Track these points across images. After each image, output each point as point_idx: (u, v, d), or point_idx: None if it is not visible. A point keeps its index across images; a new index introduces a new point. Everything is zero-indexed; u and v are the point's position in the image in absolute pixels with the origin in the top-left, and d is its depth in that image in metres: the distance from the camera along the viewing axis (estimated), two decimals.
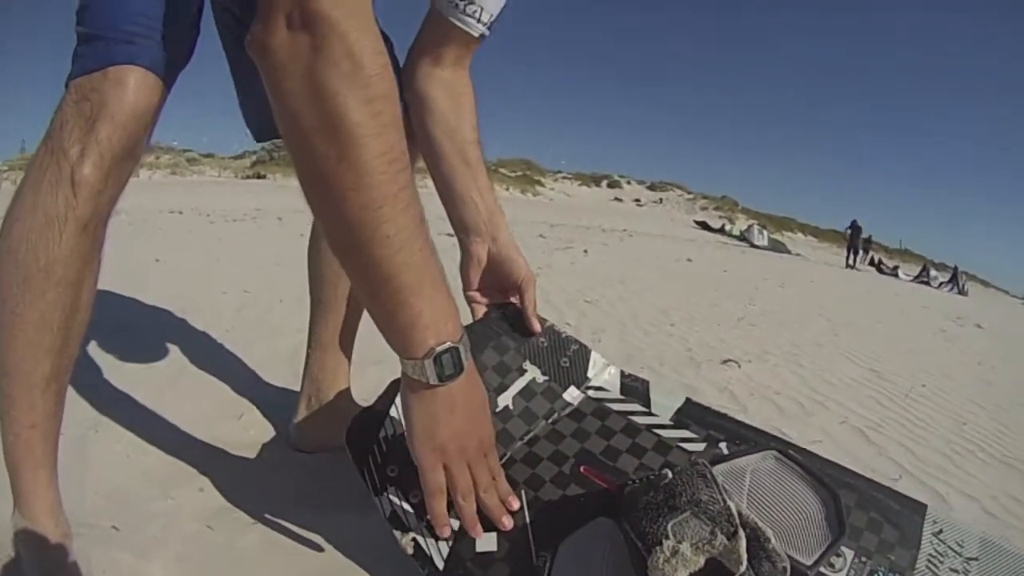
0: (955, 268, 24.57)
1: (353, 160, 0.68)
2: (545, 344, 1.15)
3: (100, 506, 1.20)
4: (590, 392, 1.12)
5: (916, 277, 24.27)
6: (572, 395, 1.11)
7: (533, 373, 1.11)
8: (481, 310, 1.20)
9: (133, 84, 0.93)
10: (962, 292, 22.72)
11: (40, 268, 0.91)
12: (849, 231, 25.85)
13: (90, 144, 0.91)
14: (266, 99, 0.72)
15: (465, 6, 1.16)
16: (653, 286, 5.18)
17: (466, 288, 1.21)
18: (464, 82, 1.25)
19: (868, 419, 2.40)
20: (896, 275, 24.67)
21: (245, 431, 1.59)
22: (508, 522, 0.89)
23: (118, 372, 1.86)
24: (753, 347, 3.34)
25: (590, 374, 1.14)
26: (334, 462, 1.40)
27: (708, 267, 8.63)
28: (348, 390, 1.49)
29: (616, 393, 1.12)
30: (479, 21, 1.17)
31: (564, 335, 1.18)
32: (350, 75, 0.67)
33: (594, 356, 1.17)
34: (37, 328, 0.91)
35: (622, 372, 1.16)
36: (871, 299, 9.05)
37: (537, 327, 1.18)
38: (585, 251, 7.48)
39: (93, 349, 1.99)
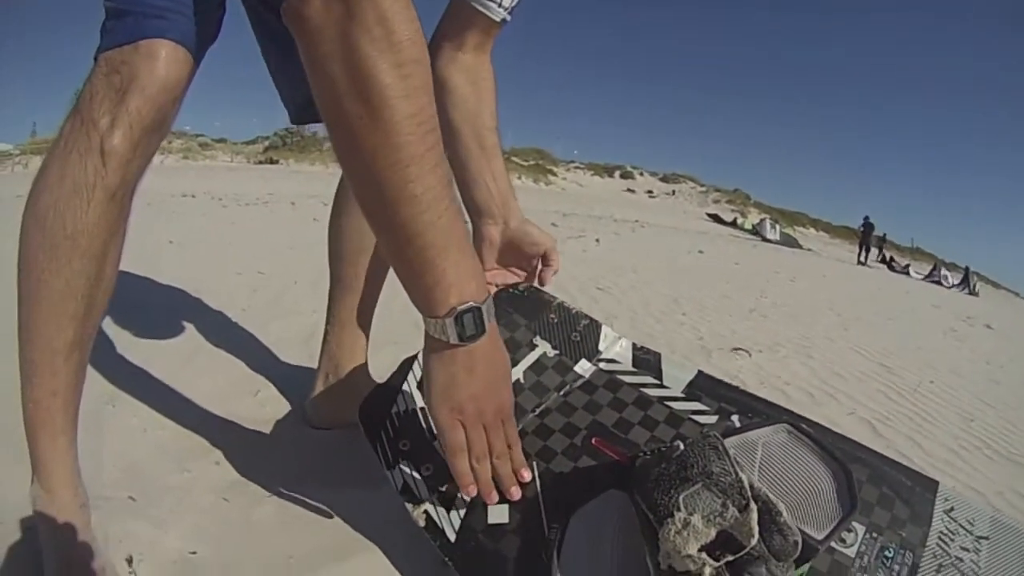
0: (967, 268, 24.45)
1: (383, 121, 0.69)
2: (556, 320, 1.16)
3: (117, 478, 1.22)
4: (602, 364, 1.12)
5: (927, 276, 24.16)
6: (583, 367, 1.11)
7: (544, 348, 1.12)
8: (492, 291, 1.21)
9: (164, 57, 0.94)
10: (973, 292, 22.58)
11: (67, 236, 0.92)
12: (862, 228, 25.80)
13: (120, 115, 0.91)
14: (302, 81, 0.73)
15: None
16: (665, 276, 5.18)
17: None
18: (486, 68, 1.26)
19: (876, 412, 2.40)
20: (907, 273, 24.55)
21: (261, 407, 1.60)
22: (517, 492, 0.90)
23: (134, 349, 1.88)
24: (764, 338, 3.33)
25: (601, 347, 1.15)
26: (349, 438, 1.41)
27: (720, 259, 8.60)
28: (365, 366, 1.50)
29: (628, 365, 1.12)
30: (500, 6, 1.18)
31: (575, 311, 1.19)
32: (382, 39, 0.68)
33: (605, 330, 1.17)
34: (62, 295, 0.92)
35: (634, 345, 1.16)
36: (882, 296, 9.00)
37: (550, 276, 1.23)
38: (597, 240, 7.48)
39: (109, 326, 2.01)
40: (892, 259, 26.48)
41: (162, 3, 0.94)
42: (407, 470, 0.96)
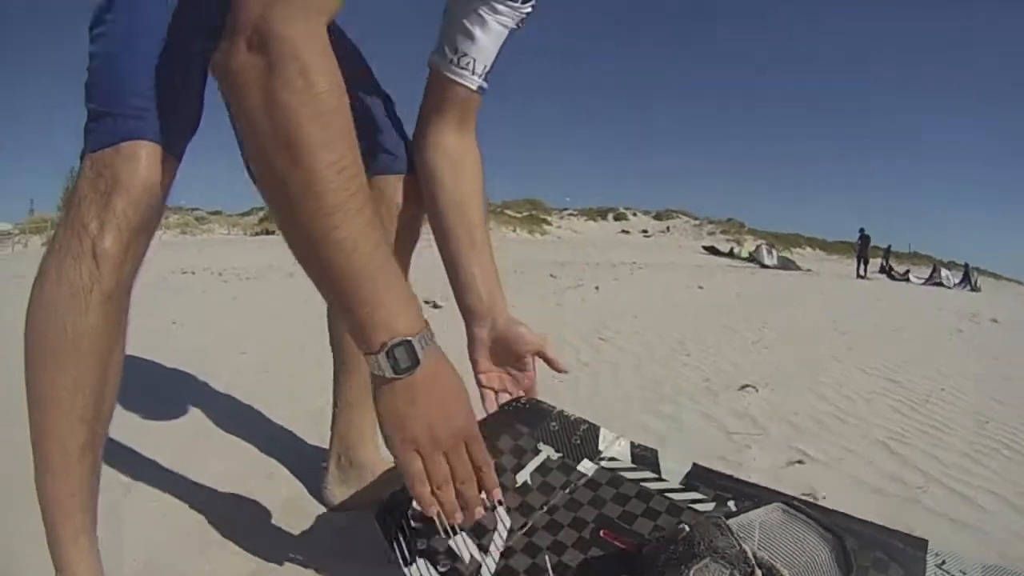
0: (966, 265, 24.51)
1: (305, 169, 0.73)
2: (556, 427, 1.20)
3: (139, 571, 1.24)
4: (603, 463, 1.15)
5: (928, 279, 24.19)
6: (586, 467, 1.14)
7: (547, 452, 1.16)
8: (491, 395, 1.25)
9: (145, 159, 0.99)
10: (975, 288, 22.58)
11: (69, 339, 0.96)
12: (859, 241, 25.93)
13: (108, 218, 0.96)
14: None
15: (458, 59, 1.22)
16: (666, 317, 5.19)
17: (475, 370, 1.26)
18: (471, 153, 1.30)
19: (890, 430, 2.40)
20: (908, 279, 24.58)
21: (276, 489, 1.61)
22: (480, 513, 0.90)
23: (145, 433, 1.90)
24: (770, 370, 3.34)
25: (601, 447, 1.18)
26: (367, 518, 1.43)
27: (719, 293, 8.63)
28: (376, 446, 1.51)
29: (628, 463, 1.16)
30: (474, 73, 1.23)
31: (573, 417, 1.23)
32: (302, 91, 0.73)
33: (603, 432, 1.21)
34: (70, 397, 0.96)
35: (632, 443, 1.20)
36: (884, 308, 9.02)
37: (562, 366, 1.25)
38: (596, 288, 7.51)
39: (118, 412, 2.01)
40: (891, 268, 26.51)
41: (140, 102, 0.99)
42: (424, 570, 0.98)
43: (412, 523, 1.02)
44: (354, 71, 1.35)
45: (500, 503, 0.93)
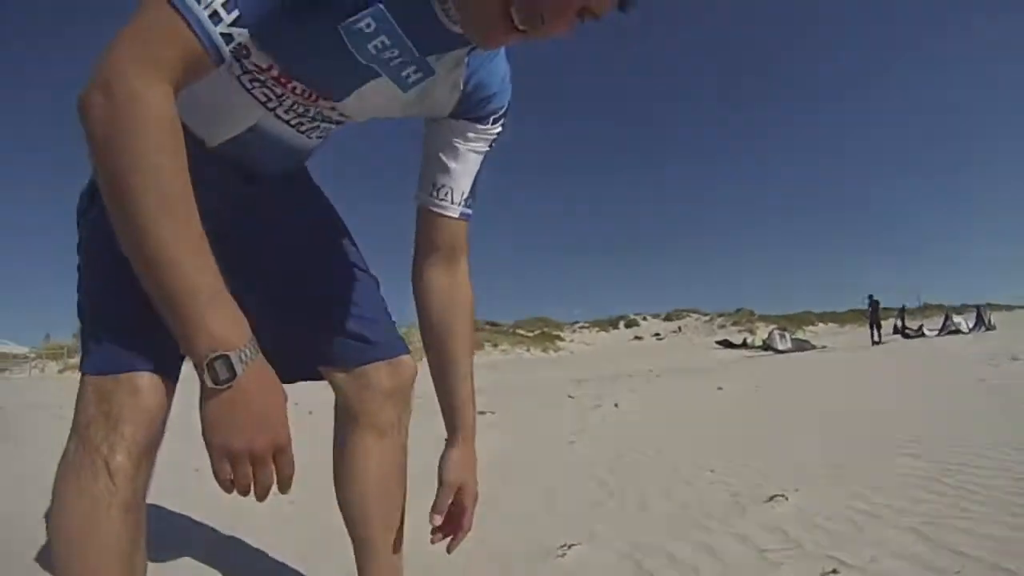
0: (977, 308, 24.50)
1: (135, 193, 0.82)
2: None
3: None
4: None
5: (942, 329, 24.17)
6: None
7: None
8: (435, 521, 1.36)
9: (146, 389, 1.13)
10: (990, 328, 22.48)
11: (93, 548, 1.06)
12: (869, 308, 25.97)
13: (117, 441, 1.09)
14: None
15: (437, 192, 1.32)
16: (688, 431, 5.16)
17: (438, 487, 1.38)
18: (460, 290, 1.41)
19: (922, 515, 2.38)
20: (922, 334, 24.48)
21: None
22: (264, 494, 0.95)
23: None
24: (798, 472, 3.31)
25: None
26: None
27: (739, 390, 8.57)
28: None
29: None
30: (453, 202, 1.33)
31: None
32: (137, 124, 0.82)
33: None
34: None
35: None
36: (902, 374, 8.96)
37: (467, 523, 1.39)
38: (616, 405, 7.47)
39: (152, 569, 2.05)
40: (905, 327, 26.40)
41: (135, 336, 1.12)
42: None
43: None
44: (343, 255, 1.48)
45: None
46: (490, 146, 1.34)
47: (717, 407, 6.87)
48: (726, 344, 26.89)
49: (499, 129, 1.33)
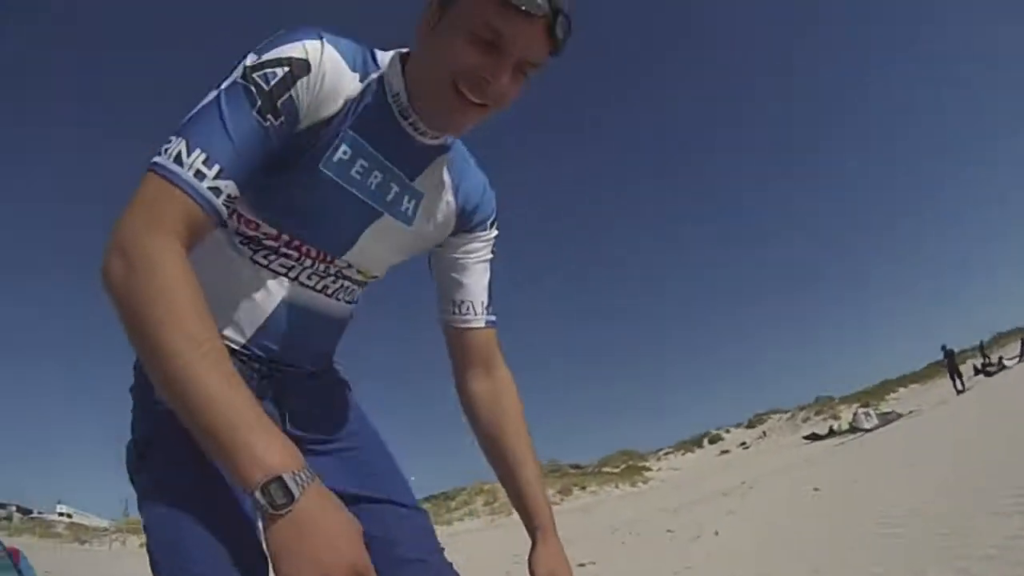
0: None
1: (153, 339, 0.86)
2: None
3: None
4: None
5: (1021, 356, 23.39)
6: None
7: None
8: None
9: None
10: None
11: None
12: (945, 358, 25.10)
13: None
14: None
15: (458, 308, 1.36)
16: (796, 547, 4.97)
17: None
18: (503, 390, 1.40)
19: None
20: (1003, 366, 23.60)
21: None
22: None
23: None
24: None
25: None
26: None
27: (836, 487, 8.24)
28: None
29: None
30: (476, 314, 1.35)
31: None
32: (149, 279, 0.88)
33: None
34: None
35: None
36: (998, 428, 8.53)
37: None
38: (716, 532, 7.22)
39: None
40: (984, 364, 25.35)
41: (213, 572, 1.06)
42: None
43: None
44: (368, 438, 1.42)
45: None
46: (492, 252, 1.39)
47: (818, 511, 6.60)
48: (813, 437, 25.96)
49: (495, 233, 1.39)
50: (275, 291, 1.20)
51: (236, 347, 1.19)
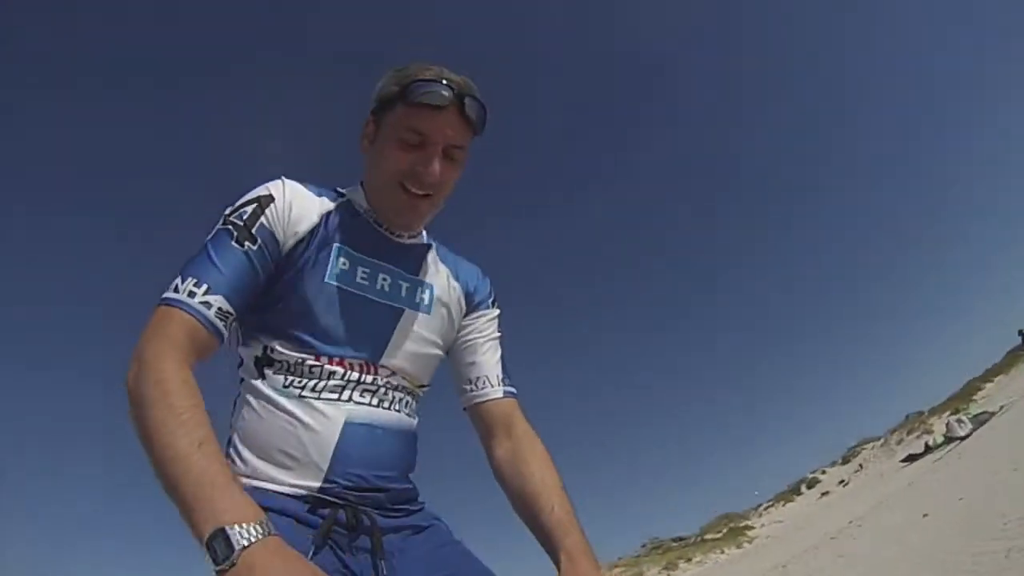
0: None
1: (150, 416, 0.99)
2: None
3: None
4: None
5: None
6: None
7: None
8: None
9: None
10: None
11: None
12: (1023, 342, 24.33)
13: None
14: None
15: (474, 384, 1.41)
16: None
17: None
18: (524, 441, 1.38)
19: None
20: None
21: None
22: None
23: None
24: None
25: None
26: None
27: (945, 508, 7.80)
28: None
29: None
30: (492, 386, 1.40)
31: None
32: (155, 387, 1.02)
33: None
34: None
35: None
36: None
37: None
38: None
39: None
40: None
41: None
42: None
43: None
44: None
45: None
46: (499, 330, 1.48)
47: (929, 539, 6.21)
48: (911, 458, 24.83)
49: (498, 311, 1.49)
50: (335, 416, 1.21)
51: (318, 489, 1.18)
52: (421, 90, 1.20)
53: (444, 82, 1.21)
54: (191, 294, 1.12)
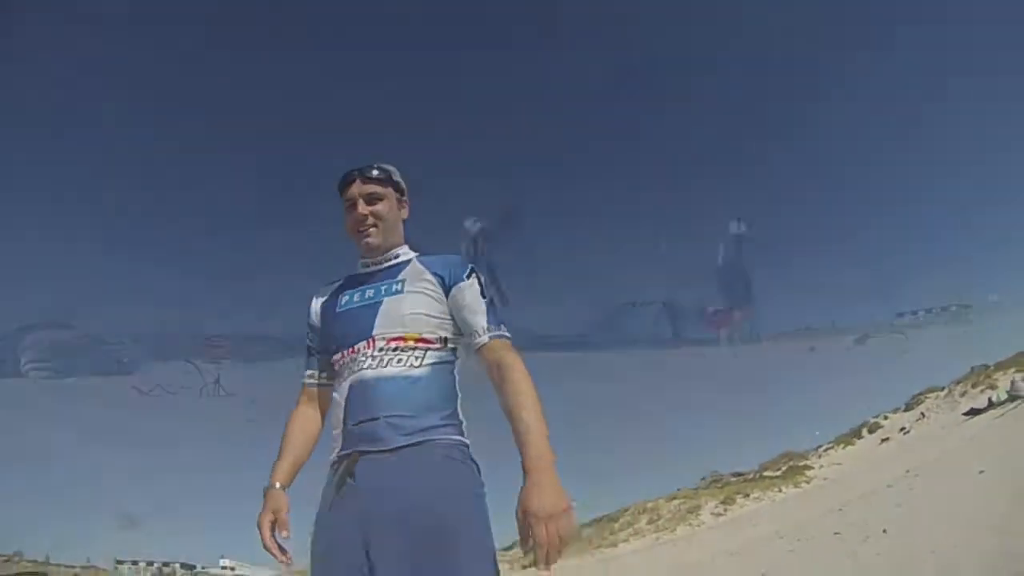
0: None
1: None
2: None
3: None
4: None
5: None
6: None
7: None
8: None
9: None
10: None
11: None
12: None
13: None
14: None
15: (469, 338, 1.81)
16: (970, 539, 4.79)
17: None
18: (507, 366, 1.73)
19: None
20: None
21: None
22: None
23: None
24: None
25: None
26: None
27: (1002, 466, 7.78)
28: None
29: None
30: (480, 335, 1.78)
31: None
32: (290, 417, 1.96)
33: None
34: None
35: None
36: None
37: (541, 538, 1.45)
38: (884, 531, 6.99)
39: None
40: None
41: None
42: None
43: None
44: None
45: None
46: (483, 294, 1.84)
47: (985, 495, 6.29)
48: (973, 412, 24.19)
49: (474, 280, 1.86)
50: (344, 387, 1.79)
51: (342, 451, 1.74)
52: (340, 186, 1.93)
53: (349, 173, 1.91)
54: (307, 377, 2.01)
